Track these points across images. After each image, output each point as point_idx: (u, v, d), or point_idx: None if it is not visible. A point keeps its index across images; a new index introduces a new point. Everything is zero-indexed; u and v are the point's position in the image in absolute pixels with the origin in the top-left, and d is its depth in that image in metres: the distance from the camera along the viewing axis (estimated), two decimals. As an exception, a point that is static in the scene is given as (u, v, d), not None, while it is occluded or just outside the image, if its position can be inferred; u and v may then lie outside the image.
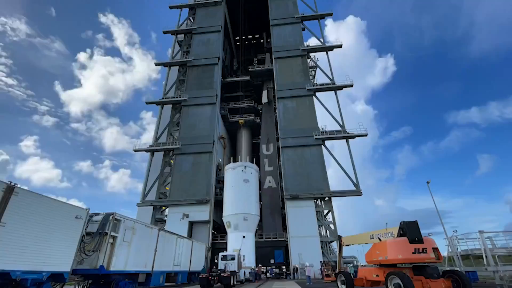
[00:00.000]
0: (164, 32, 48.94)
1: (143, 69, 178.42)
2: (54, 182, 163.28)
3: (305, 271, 23.08)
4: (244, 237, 27.48)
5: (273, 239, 33.66)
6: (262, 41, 59.25)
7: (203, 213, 33.29)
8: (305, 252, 29.86)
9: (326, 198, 33.48)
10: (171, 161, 38.33)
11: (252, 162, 33.56)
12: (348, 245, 14.47)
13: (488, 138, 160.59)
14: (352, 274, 14.06)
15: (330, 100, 41.19)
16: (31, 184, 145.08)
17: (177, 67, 46.00)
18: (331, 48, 43.44)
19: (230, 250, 25.48)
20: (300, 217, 32.02)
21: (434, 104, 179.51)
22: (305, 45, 44.51)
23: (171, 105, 42.45)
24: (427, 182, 21.64)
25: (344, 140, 36.21)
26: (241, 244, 26.46)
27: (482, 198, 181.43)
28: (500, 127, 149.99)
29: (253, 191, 30.77)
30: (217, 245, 33.47)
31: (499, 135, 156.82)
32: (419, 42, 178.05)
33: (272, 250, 32.81)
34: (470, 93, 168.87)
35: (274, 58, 44.12)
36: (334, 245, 31.73)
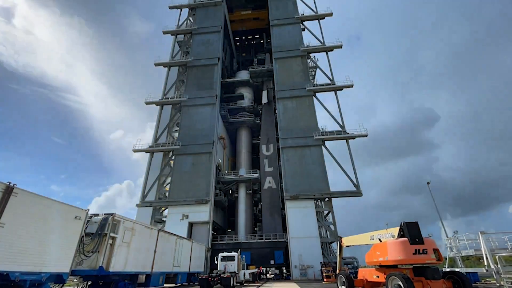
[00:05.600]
0: (164, 33, 48.88)
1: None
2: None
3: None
4: None
5: (273, 240, 33.57)
6: (262, 41, 59.26)
7: (203, 213, 33.20)
8: (305, 253, 29.82)
9: (326, 199, 33.43)
10: (171, 161, 38.27)
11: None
12: (348, 246, 14.45)
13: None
14: (352, 275, 14.05)
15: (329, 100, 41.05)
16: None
17: (177, 67, 45.99)
18: (331, 48, 43.43)
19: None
20: (300, 218, 31.94)
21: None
22: (305, 45, 44.52)
23: (170, 106, 42.42)
24: (427, 183, 21.64)
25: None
26: None
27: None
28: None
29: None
30: (217, 245, 33.39)
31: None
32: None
33: (272, 251, 32.73)
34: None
35: (274, 58, 44.07)
36: (335, 246, 31.67)
